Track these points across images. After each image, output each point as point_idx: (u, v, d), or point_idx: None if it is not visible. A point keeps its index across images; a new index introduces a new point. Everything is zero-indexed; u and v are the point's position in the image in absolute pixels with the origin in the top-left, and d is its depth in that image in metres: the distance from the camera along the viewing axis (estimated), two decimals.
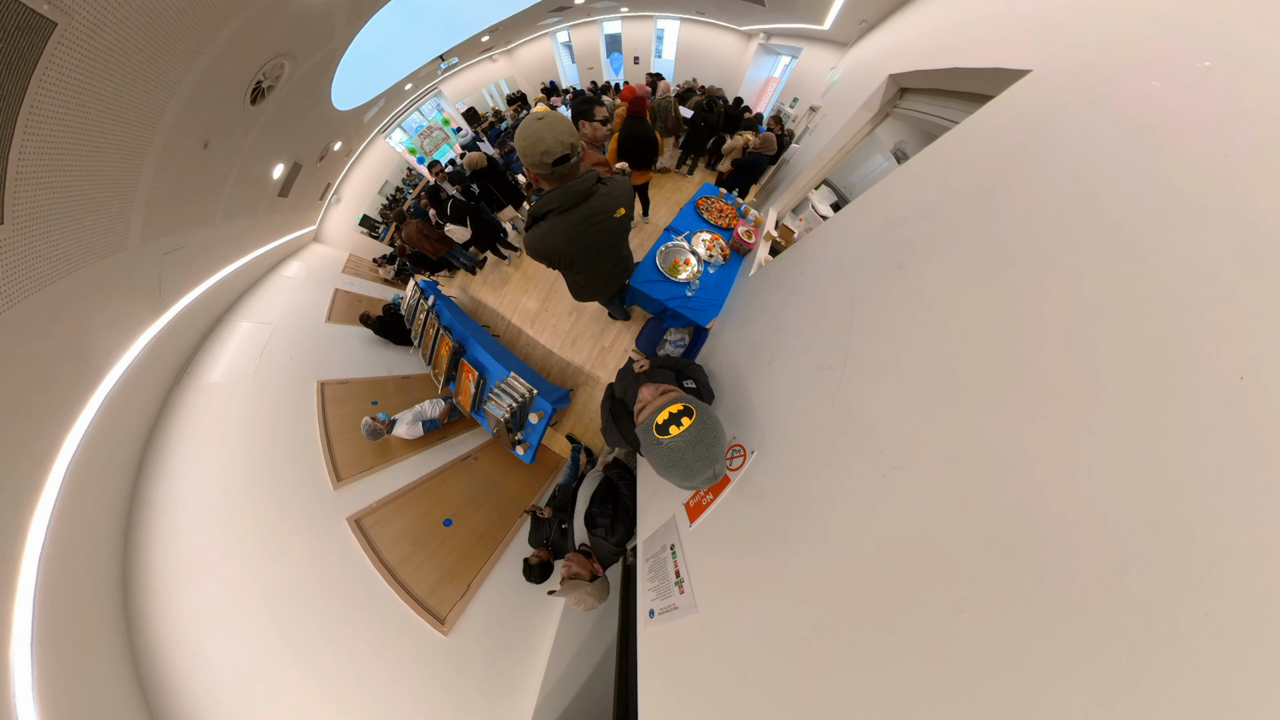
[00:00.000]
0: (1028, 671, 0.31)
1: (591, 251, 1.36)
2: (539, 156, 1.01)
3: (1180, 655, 0.25)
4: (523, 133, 1.00)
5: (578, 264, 1.39)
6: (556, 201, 1.14)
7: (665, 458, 0.79)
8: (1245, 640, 0.23)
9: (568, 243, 1.24)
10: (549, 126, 0.99)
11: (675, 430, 0.79)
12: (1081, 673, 0.29)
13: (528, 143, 0.99)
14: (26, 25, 1.23)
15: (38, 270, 1.49)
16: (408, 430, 2.52)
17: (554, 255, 1.29)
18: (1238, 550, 0.25)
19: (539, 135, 0.98)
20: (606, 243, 1.38)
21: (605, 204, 1.22)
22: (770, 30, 5.34)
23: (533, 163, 1.02)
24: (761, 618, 0.63)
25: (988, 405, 0.44)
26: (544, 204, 1.16)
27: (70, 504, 1.48)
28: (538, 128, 0.98)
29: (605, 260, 1.52)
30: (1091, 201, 0.45)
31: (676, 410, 0.81)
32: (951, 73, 1.25)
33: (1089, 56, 0.61)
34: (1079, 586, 0.30)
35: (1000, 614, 0.34)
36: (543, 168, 1.03)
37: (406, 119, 6.40)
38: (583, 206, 1.17)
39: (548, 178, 1.10)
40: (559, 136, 0.99)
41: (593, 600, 1.33)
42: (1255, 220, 0.31)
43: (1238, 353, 0.29)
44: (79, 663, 1.30)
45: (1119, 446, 0.32)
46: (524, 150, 1.01)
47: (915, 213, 0.79)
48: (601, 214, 1.22)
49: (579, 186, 1.13)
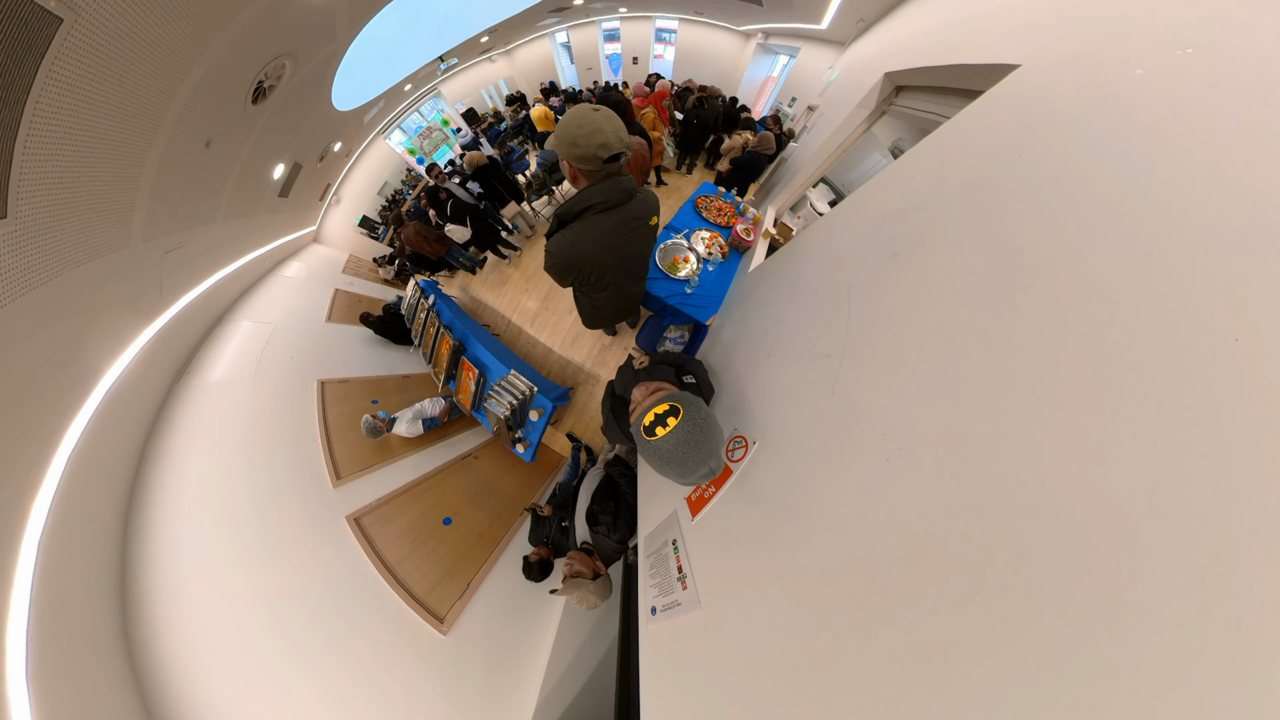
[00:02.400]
0: (1033, 667, 0.31)
1: (626, 263, 1.23)
2: (594, 149, 0.90)
3: (1198, 651, 0.24)
4: (577, 121, 0.89)
5: (610, 277, 1.21)
6: (601, 196, 1.00)
7: (656, 458, 0.80)
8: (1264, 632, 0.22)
9: (603, 249, 1.11)
10: (608, 119, 0.89)
11: (662, 431, 0.78)
12: (1094, 666, 0.28)
13: (584, 132, 0.88)
14: (34, 20, 1.25)
15: (39, 265, 1.49)
16: (408, 428, 2.52)
17: (584, 264, 1.13)
18: (1251, 542, 0.23)
19: (597, 126, 0.88)
20: (640, 254, 1.26)
21: (644, 209, 1.12)
22: (768, 30, 5.36)
23: (583, 155, 0.91)
24: (768, 612, 0.62)
25: (985, 385, 0.45)
26: (583, 199, 1.02)
27: (70, 498, 1.48)
28: (595, 119, 0.89)
29: (638, 278, 1.39)
30: (1082, 185, 0.46)
31: (662, 411, 0.80)
32: (944, 69, 1.26)
33: (1075, 49, 0.63)
34: (1088, 575, 0.30)
35: (1010, 603, 0.34)
36: (593, 163, 0.92)
37: (406, 120, 6.42)
38: (626, 206, 1.05)
39: (592, 174, 0.98)
40: (618, 132, 0.90)
41: (595, 599, 1.32)
42: (1242, 194, 0.32)
43: (1231, 321, 0.29)
44: (76, 658, 1.30)
45: (1120, 427, 0.32)
46: (575, 139, 0.89)
47: (909, 205, 0.80)
48: (640, 218, 1.12)
49: (625, 184, 1.02)
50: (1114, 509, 0.30)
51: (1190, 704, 0.23)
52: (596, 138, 0.89)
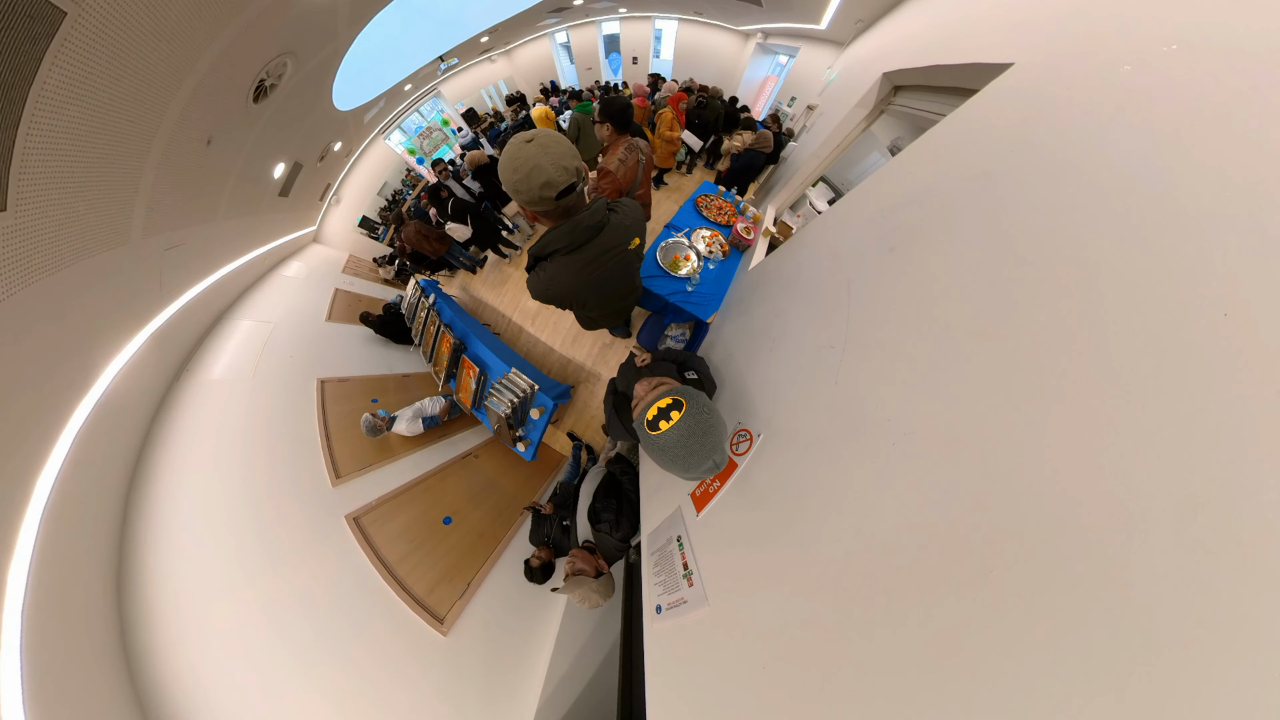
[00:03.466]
0: (1038, 663, 0.31)
1: (607, 289, 1.20)
2: (538, 192, 0.79)
3: (1202, 652, 0.23)
4: (510, 164, 0.77)
5: (591, 302, 1.23)
6: (563, 241, 0.94)
7: (661, 452, 0.79)
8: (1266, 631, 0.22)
9: (580, 285, 1.07)
10: (544, 150, 0.77)
11: (665, 425, 0.78)
12: (1098, 664, 0.28)
13: (519, 175, 0.77)
14: (37, 13, 1.24)
15: (39, 260, 1.49)
16: (408, 427, 2.52)
17: (564, 298, 1.12)
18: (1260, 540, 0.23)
19: (535, 164, 0.76)
20: (621, 278, 1.21)
21: (618, 237, 1.03)
22: (768, 30, 5.39)
23: (530, 200, 0.81)
24: (777, 607, 0.61)
25: (984, 372, 0.46)
26: (547, 244, 0.96)
27: (66, 497, 1.48)
28: (529, 154, 0.76)
29: (622, 296, 1.38)
30: (1074, 178, 0.47)
31: (666, 405, 0.79)
32: (940, 69, 1.28)
33: (1066, 47, 0.64)
34: (1092, 567, 0.29)
35: (1018, 591, 0.33)
36: (544, 204, 0.82)
37: (406, 120, 6.42)
38: (593, 244, 0.97)
39: (549, 214, 0.89)
40: (559, 161, 0.78)
41: (598, 597, 1.31)
42: (1228, 182, 0.33)
43: (1220, 297, 0.30)
44: (71, 658, 1.29)
45: (1118, 411, 0.33)
46: (516, 186, 0.79)
47: (908, 200, 0.81)
48: (615, 248, 1.04)
49: (589, 221, 0.93)
50: (1115, 493, 0.30)
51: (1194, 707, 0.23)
52: (536, 177, 0.77)
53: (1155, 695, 0.25)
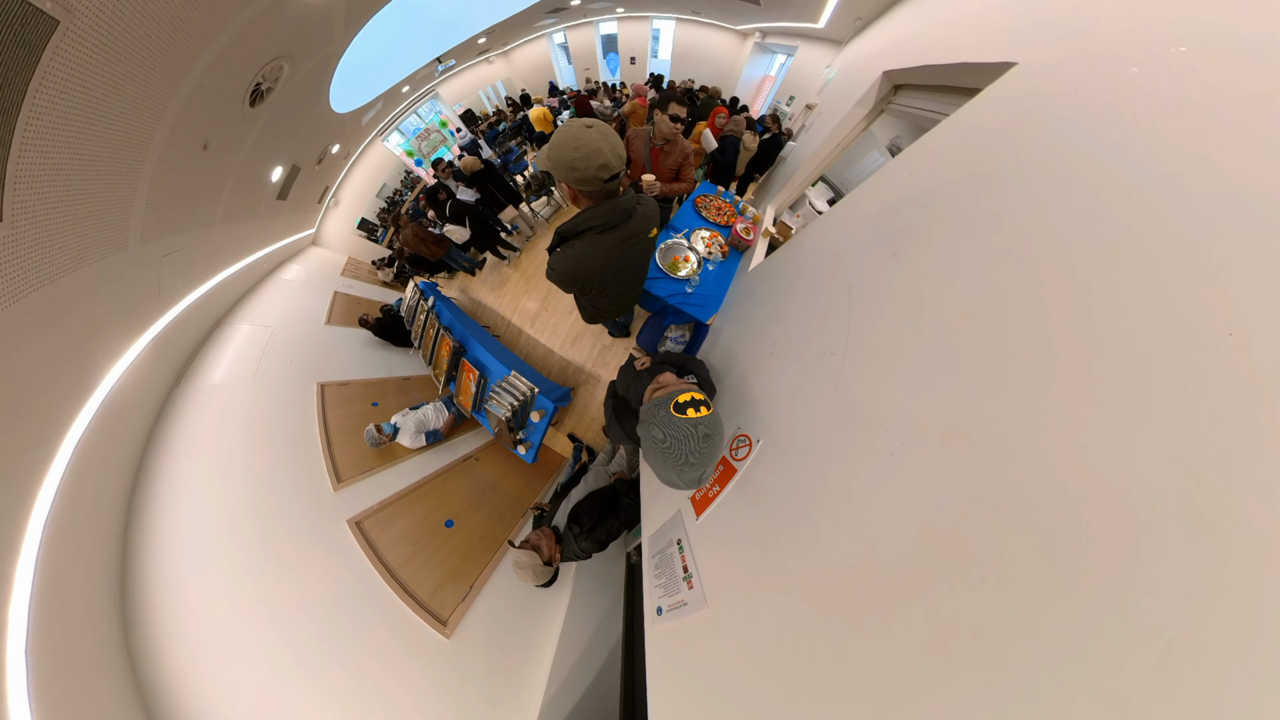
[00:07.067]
0: (1039, 661, 0.31)
1: (626, 275, 1.26)
2: (594, 171, 0.86)
3: (1205, 648, 0.23)
4: (572, 142, 0.84)
5: (610, 288, 1.26)
6: (601, 219, 1.00)
7: (673, 441, 0.79)
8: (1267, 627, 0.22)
9: (605, 265, 1.13)
10: (604, 137, 0.85)
11: (693, 413, 0.80)
12: (1097, 663, 0.28)
13: (581, 154, 0.84)
14: (30, 22, 1.24)
15: (36, 269, 1.49)
16: (410, 440, 2.52)
17: (588, 279, 1.16)
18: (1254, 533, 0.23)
19: (595, 146, 0.84)
20: (638, 266, 1.28)
21: (643, 224, 1.11)
22: (766, 29, 5.37)
23: (583, 177, 0.87)
24: (776, 608, 0.62)
25: (986, 379, 0.45)
26: (583, 221, 1.02)
27: (69, 505, 1.48)
28: (591, 138, 0.84)
29: (635, 284, 1.41)
30: (1078, 181, 0.47)
31: (698, 398, 0.83)
32: (942, 68, 1.27)
33: (1070, 47, 0.63)
34: (1094, 566, 0.30)
35: (1016, 592, 0.34)
36: (594, 184, 0.89)
37: (404, 121, 6.42)
38: (625, 226, 1.05)
39: (592, 194, 0.96)
40: (615, 149, 0.86)
41: (531, 577, 1.36)
42: (1235, 192, 0.33)
43: (1223, 315, 0.30)
44: (75, 663, 1.29)
45: (1116, 412, 0.33)
46: (573, 163, 0.85)
47: (908, 201, 0.80)
48: (639, 234, 1.12)
49: (624, 204, 1.00)
50: (1112, 493, 0.30)
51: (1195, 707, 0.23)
52: (595, 159, 0.85)
53: (1157, 695, 0.25)
